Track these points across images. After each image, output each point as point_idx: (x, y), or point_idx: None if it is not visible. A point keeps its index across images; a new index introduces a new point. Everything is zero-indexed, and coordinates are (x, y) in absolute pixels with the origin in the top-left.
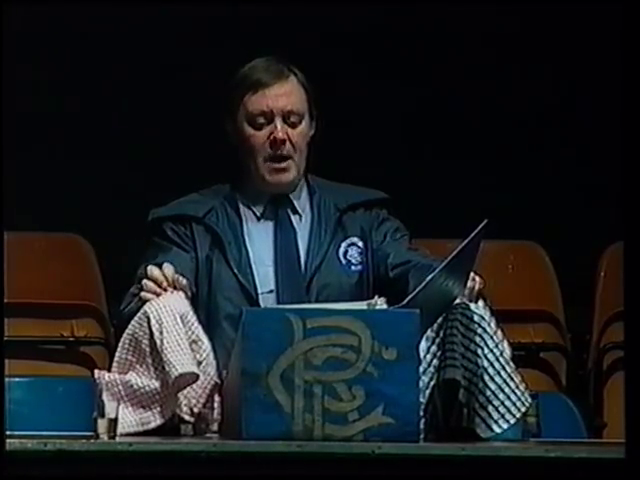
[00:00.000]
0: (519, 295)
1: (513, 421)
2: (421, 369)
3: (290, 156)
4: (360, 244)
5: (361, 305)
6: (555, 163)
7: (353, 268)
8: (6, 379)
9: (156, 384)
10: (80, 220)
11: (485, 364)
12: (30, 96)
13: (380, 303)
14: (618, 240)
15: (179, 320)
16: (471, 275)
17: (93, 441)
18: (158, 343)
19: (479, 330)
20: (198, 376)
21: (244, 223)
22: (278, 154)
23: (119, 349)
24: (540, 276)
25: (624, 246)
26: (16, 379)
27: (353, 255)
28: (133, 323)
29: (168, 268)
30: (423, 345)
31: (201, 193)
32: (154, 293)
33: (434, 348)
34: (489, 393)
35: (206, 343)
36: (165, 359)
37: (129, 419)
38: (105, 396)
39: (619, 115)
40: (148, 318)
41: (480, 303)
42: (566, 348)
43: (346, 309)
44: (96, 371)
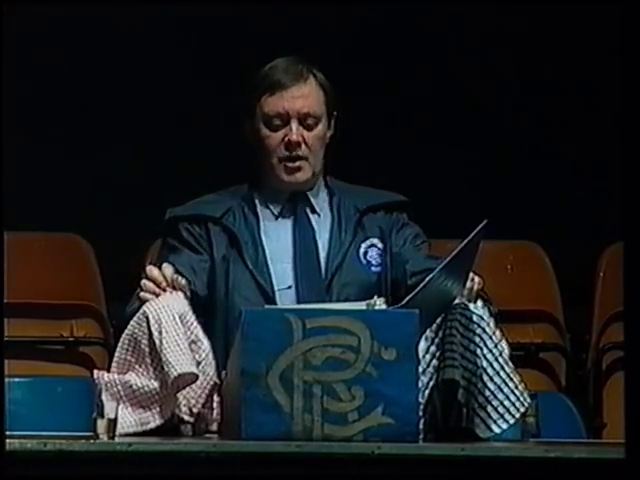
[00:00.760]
0: (518, 295)
1: (512, 421)
2: (420, 369)
3: (305, 157)
4: (380, 245)
5: (360, 305)
6: (555, 163)
7: (373, 269)
8: (6, 379)
9: (155, 384)
10: (80, 220)
11: (484, 364)
12: (30, 96)
13: (379, 303)
14: (618, 240)
15: (178, 320)
16: (470, 275)
17: (93, 441)
18: (157, 343)
19: (478, 330)
20: (197, 376)
21: (261, 222)
22: (293, 155)
23: (118, 349)
24: (539, 276)
25: (624, 246)
26: (16, 379)
27: (373, 256)
28: (132, 323)
29: (167, 268)
30: (422, 345)
31: (219, 194)
32: (153, 293)
33: (433, 348)
34: (488, 393)
35: (205, 343)
36: (164, 359)
37: (128, 419)
38: (104, 396)
39: (619, 115)
40: (147, 318)
41: (479, 303)
42: (565, 348)
43: (345, 309)
44: (95, 371)
